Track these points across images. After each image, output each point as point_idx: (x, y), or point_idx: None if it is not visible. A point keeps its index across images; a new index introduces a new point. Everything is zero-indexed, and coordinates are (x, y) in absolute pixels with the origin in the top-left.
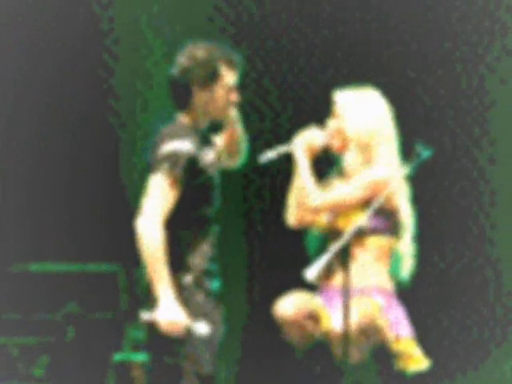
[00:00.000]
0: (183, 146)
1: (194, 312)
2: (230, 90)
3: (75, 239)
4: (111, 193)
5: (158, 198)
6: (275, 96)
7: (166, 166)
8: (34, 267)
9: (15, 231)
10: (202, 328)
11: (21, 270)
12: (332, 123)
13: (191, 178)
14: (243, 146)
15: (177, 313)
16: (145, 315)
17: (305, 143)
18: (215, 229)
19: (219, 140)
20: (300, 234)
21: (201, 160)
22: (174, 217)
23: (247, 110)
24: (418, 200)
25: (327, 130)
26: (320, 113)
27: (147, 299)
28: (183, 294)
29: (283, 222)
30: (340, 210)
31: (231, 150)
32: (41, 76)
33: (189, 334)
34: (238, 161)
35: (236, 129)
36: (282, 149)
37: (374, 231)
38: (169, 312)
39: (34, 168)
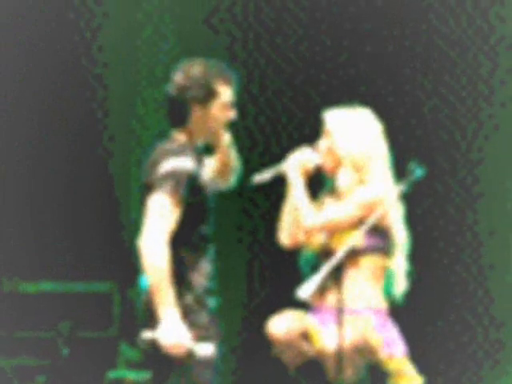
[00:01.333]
0: (185, 163)
1: (198, 332)
2: (226, 106)
3: (69, 258)
4: (106, 211)
5: (162, 216)
6: (267, 116)
7: (169, 184)
8: (28, 286)
9: (7, 248)
10: (206, 349)
11: (13, 289)
12: (323, 143)
13: (191, 197)
14: (235, 168)
15: (181, 334)
16: (146, 334)
17: (298, 163)
18: (212, 247)
19: (211, 161)
20: (294, 253)
21: (199, 178)
22: (173, 235)
23: (240, 131)
24: (411, 218)
25: (319, 150)
26: (312, 132)
27: (146, 319)
28: (185, 314)
29: (277, 242)
30: (335, 230)
31: (223, 171)
32: (26, 96)
33: (191, 355)
34: (229, 182)
35: (229, 151)
36: (275, 169)
37: (367, 250)
38: (173, 333)
39: (27, 184)
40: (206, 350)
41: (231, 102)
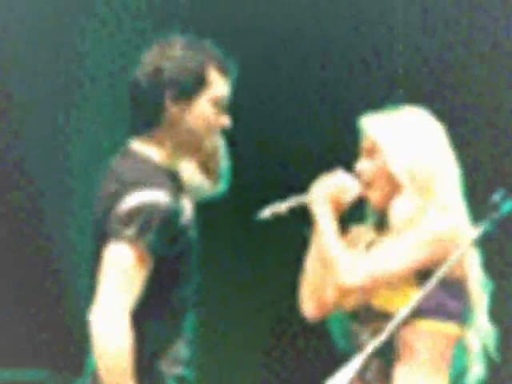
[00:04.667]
0: (157, 197)
1: None
2: (219, 105)
3: None
4: (39, 271)
5: (123, 279)
6: (277, 125)
7: (132, 229)
8: None
9: None
10: None
11: None
12: (366, 163)
13: (166, 246)
14: (224, 163)
15: None
16: None
17: (328, 194)
18: (192, 317)
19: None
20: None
21: (180, 217)
22: (137, 304)
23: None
24: (494, 269)
25: (360, 174)
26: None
27: None
28: None
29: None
30: (384, 287)
31: (208, 171)
32: None
33: None
34: (218, 185)
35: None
36: (294, 201)
37: (429, 315)
38: None
39: None
40: None
41: (225, 100)
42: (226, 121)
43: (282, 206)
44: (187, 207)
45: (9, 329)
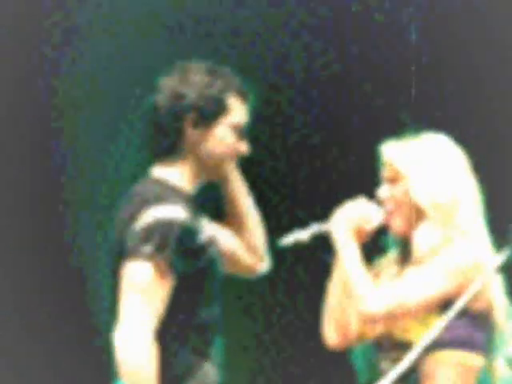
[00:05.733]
0: (172, 212)
1: None
2: (237, 131)
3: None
4: (61, 296)
5: (143, 296)
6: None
7: (150, 245)
8: None
9: None
10: None
11: None
12: (387, 192)
13: (185, 263)
14: (262, 235)
15: None
16: None
17: (352, 222)
18: (218, 341)
19: (224, 232)
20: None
21: (197, 234)
22: (158, 324)
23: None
24: None
25: (381, 202)
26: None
27: None
28: None
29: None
30: (406, 316)
31: (247, 245)
32: None
33: None
34: (259, 264)
35: (243, 201)
36: (315, 228)
37: (452, 346)
38: None
39: None
40: None
41: (243, 126)
42: (244, 147)
43: (304, 234)
44: (207, 227)
45: (30, 353)
